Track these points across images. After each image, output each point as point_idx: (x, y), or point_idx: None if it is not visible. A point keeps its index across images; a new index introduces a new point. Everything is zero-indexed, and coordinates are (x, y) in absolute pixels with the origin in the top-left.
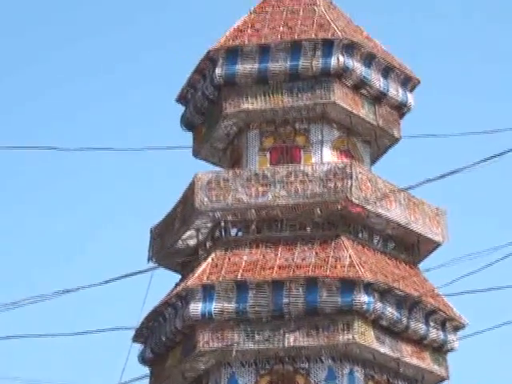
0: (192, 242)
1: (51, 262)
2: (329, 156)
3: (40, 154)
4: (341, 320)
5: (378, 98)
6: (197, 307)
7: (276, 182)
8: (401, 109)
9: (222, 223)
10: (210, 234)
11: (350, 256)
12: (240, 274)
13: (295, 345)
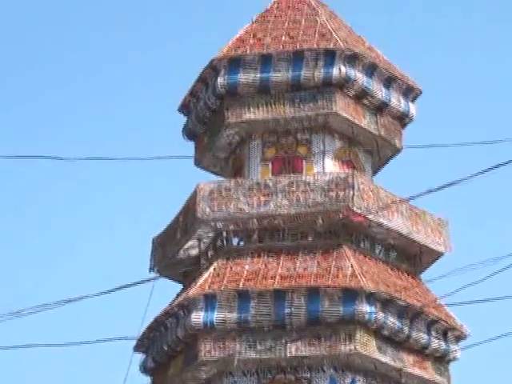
0: (194, 252)
1: (52, 272)
2: (331, 166)
3: (41, 161)
4: (343, 330)
5: (380, 108)
6: (198, 316)
7: (278, 192)
8: (403, 119)
9: (224, 233)
10: (212, 244)
11: (352, 266)
12: (242, 284)
13: (297, 354)
